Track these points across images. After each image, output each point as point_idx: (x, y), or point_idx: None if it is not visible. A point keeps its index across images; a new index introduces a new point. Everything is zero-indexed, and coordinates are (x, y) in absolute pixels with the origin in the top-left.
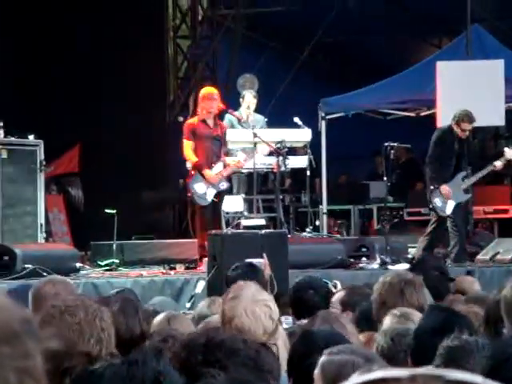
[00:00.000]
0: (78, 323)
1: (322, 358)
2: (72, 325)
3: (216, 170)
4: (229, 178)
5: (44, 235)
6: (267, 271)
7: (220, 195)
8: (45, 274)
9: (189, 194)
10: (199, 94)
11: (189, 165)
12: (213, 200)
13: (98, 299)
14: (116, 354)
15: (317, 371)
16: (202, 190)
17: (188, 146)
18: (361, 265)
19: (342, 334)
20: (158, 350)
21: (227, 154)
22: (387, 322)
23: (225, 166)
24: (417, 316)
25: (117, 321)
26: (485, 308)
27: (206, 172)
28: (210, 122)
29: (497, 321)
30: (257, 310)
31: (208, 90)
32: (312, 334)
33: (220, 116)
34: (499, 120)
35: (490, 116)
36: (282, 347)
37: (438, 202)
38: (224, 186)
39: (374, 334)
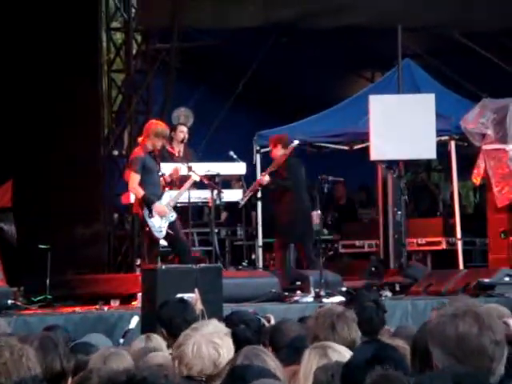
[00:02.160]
0: (4, 363)
1: None
2: None
3: (165, 201)
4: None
5: None
6: (198, 306)
7: (174, 226)
8: None
9: (147, 229)
10: (151, 127)
11: (133, 198)
12: (168, 233)
13: (19, 337)
14: None
15: None
16: (158, 223)
17: (135, 180)
18: (295, 298)
19: (268, 369)
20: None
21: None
22: (306, 356)
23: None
24: (336, 350)
25: (36, 358)
26: (411, 341)
27: (156, 205)
28: (153, 153)
29: (424, 353)
30: (204, 348)
31: (163, 130)
32: (240, 369)
33: None
34: (430, 153)
35: (422, 149)
36: None
37: None
38: (174, 216)
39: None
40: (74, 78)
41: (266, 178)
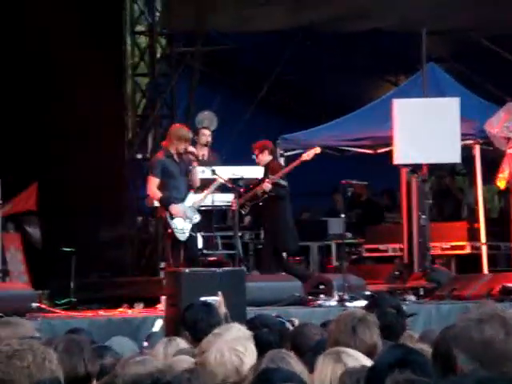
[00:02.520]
0: (27, 367)
1: None
2: (21, 369)
3: (188, 203)
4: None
5: (0, 274)
6: (222, 309)
7: (195, 229)
8: (0, 314)
9: (169, 231)
10: (174, 131)
11: (156, 202)
12: (191, 235)
13: (43, 341)
14: None
15: None
16: (181, 225)
17: (154, 183)
18: (319, 302)
19: (296, 373)
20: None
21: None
22: (320, 362)
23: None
24: (351, 355)
25: (60, 362)
26: (433, 345)
27: (173, 206)
28: (176, 157)
29: (446, 358)
30: (226, 356)
31: (187, 133)
32: (268, 372)
33: None
34: (455, 157)
35: (446, 153)
36: None
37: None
38: (197, 218)
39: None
40: (98, 82)
41: (269, 186)
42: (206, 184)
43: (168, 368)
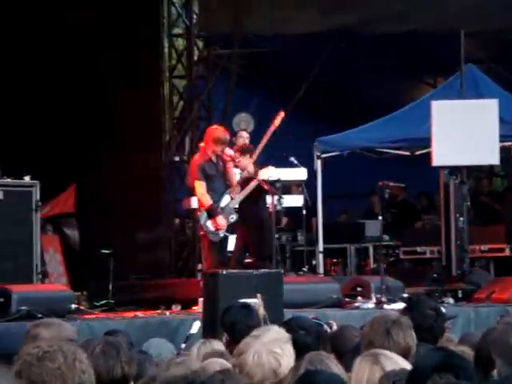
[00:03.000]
0: (58, 368)
1: None
2: (53, 370)
3: (223, 203)
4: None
5: (40, 276)
6: (261, 311)
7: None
8: (40, 315)
9: (201, 233)
10: (211, 133)
11: (194, 203)
12: (225, 235)
13: (81, 343)
14: None
15: None
16: (214, 228)
17: (202, 186)
18: (356, 304)
19: (338, 375)
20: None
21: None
22: (357, 364)
23: (231, 198)
24: (389, 357)
25: (97, 363)
26: (474, 349)
27: (219, 217)
28: (214, 159)
29: (487, 361)
30: (264, 357)
31: (224, 135)
32: (311, 374)
33: None
34: (493, 159)
35: (485, 155)
36: None
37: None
38: (234, 218)
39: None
40: (136, 85)
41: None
42: (241, 186)
43: (201, 370)
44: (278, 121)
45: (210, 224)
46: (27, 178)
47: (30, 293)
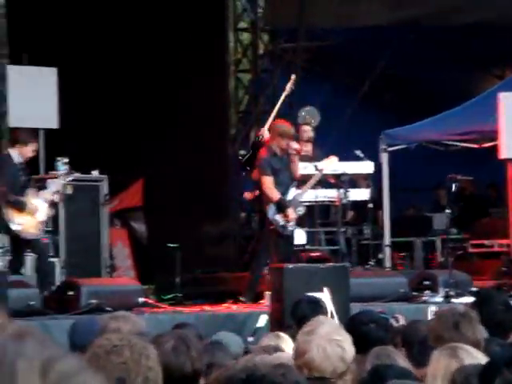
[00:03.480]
0: (124, 362)
1: None
2: (118, 364)
3: (290, 197)
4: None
5: (108, 269)
6: (328, 306)
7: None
8: (108, 308)
9: (271, 227)
10: (276, 127)
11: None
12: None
13: (152, 338)
14: None
15: None
16: (282, 221)
17: (269, 181)
18: (424, 298)
19: (409, 370)
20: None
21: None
22: (435, 357)
23: (298, 191)
24: (467, 351)
25: (168, 360)
26: None
27: (289, 210)
28: (279, 153)
29: None
30: (328, 349)
31: (288, 129)
32: (382, 369)
33: None
34: None
35: None
36: None
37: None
38: (301, 211)
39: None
40: (202, 79)
41: None
42: (307, 179)
43: (266, 362)
44: (290, 84)
45: (279, 217)
46: (95, 173)
47: (99, 286)
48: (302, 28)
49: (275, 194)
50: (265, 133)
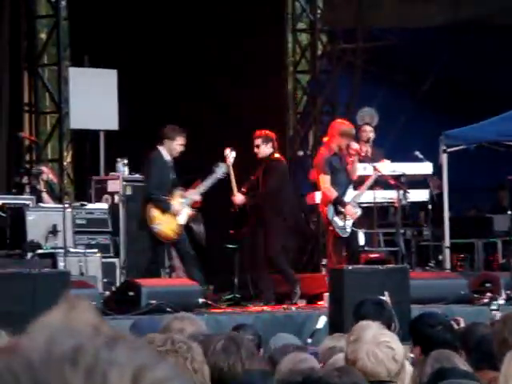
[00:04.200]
0: (165, 351)
1: None
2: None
3: (348, 198)
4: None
5: (167, 270)
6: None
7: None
8: (168, 309)
9: (330, 228)
10: (336, 127)
11: (318, 198)
12: (353, 230)
13: (203, 338)
14: None
15: None
16: (342, 223)
17: (326, 180)
18: (485, 300)
19: (472, 373)
20: (265, 375)
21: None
22: (507, 360)
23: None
24: None
25: (218, 360)
26: None
27: (348, 207)
28: (339, 153)
29: None
30: (379, 353)
31: (349, 129)
32: (445, 372)
33: None
34: None
35: None
36: None
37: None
38: (358, 212)
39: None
40: (260, 80)
41: None
42: (364, 180)
43: (326, 365)
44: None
45: (337, 219)
46: None
47: (159, 287)
48: (361, 29)
49: (333, 193)
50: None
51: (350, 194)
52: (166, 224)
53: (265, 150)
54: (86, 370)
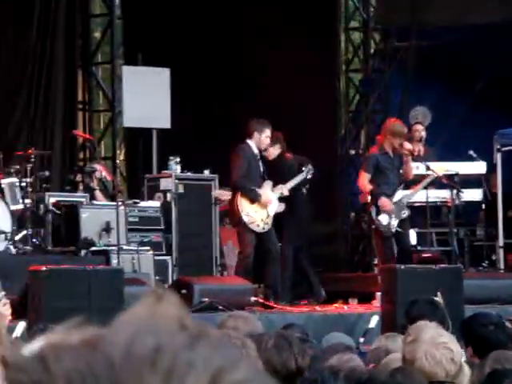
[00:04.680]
0: None
1: None
2: None
3: (396, 199)
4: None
5: (219, 268)
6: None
7: (404, 225)
8: (221, 307)
9: (373, 226)
10: (389, 126)
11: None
12: (397, 231)
13: (254, 336)
14: None
15: None
16: (386, 221)
17: (365, 177)
18: None
19: None
20: (334, 372)
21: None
22: None
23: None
24: None
25: (271, 357)
26: None
27: (383, 199)
28: (390, 152)
29: None
30: (437, 354)
31: (402, 128)
32: (501, 373)
33: None
34: None
35: None
36: None
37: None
38: (405, 213)
39: None
40: (312, 78)
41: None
42: (418, 179)
43: (383, 366)
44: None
45: (380, 218)
46: (207, 172)
47: (212, 285)
48: (415, 27)
49: (367, 187)
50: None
51: (399, 194)
52: (255, 213)
53: (273, 151)
54: (164, 372)
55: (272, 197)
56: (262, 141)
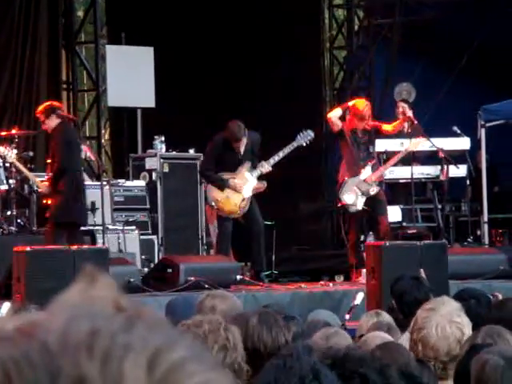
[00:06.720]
0: (202, 332)
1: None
2: (197, 336)
3: (364, 176)
4: (389, 185)
5: (205, 247)
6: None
7: (373, 201)
8: (207, 286)
9: (339, 205)
10: (356, 105)
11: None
12: (363, 208)
13: (235, 315)
14: (243, 366)
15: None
16: (351, 200)
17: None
18: None
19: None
20: (309, 348)
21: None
22: None
23: (374, 169)
24: None
25: (260, 333)
26: None
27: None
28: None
29: None
30: (448, 329)
31: (362, 113)
32: (478, 348)
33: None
34: None
35: None
36: None
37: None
38: (374, 190)
39: None
40: (296, 56)
41: None
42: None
43: (362, 343)
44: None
45: (345, 197)
46: (191, 151)
47: (197, 264)
48: (398, 3)
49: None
50: None
51: (367, 172)
52: (227, 200)
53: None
54: (101, 356)
55: (245, 180)
56: (234, 146)
